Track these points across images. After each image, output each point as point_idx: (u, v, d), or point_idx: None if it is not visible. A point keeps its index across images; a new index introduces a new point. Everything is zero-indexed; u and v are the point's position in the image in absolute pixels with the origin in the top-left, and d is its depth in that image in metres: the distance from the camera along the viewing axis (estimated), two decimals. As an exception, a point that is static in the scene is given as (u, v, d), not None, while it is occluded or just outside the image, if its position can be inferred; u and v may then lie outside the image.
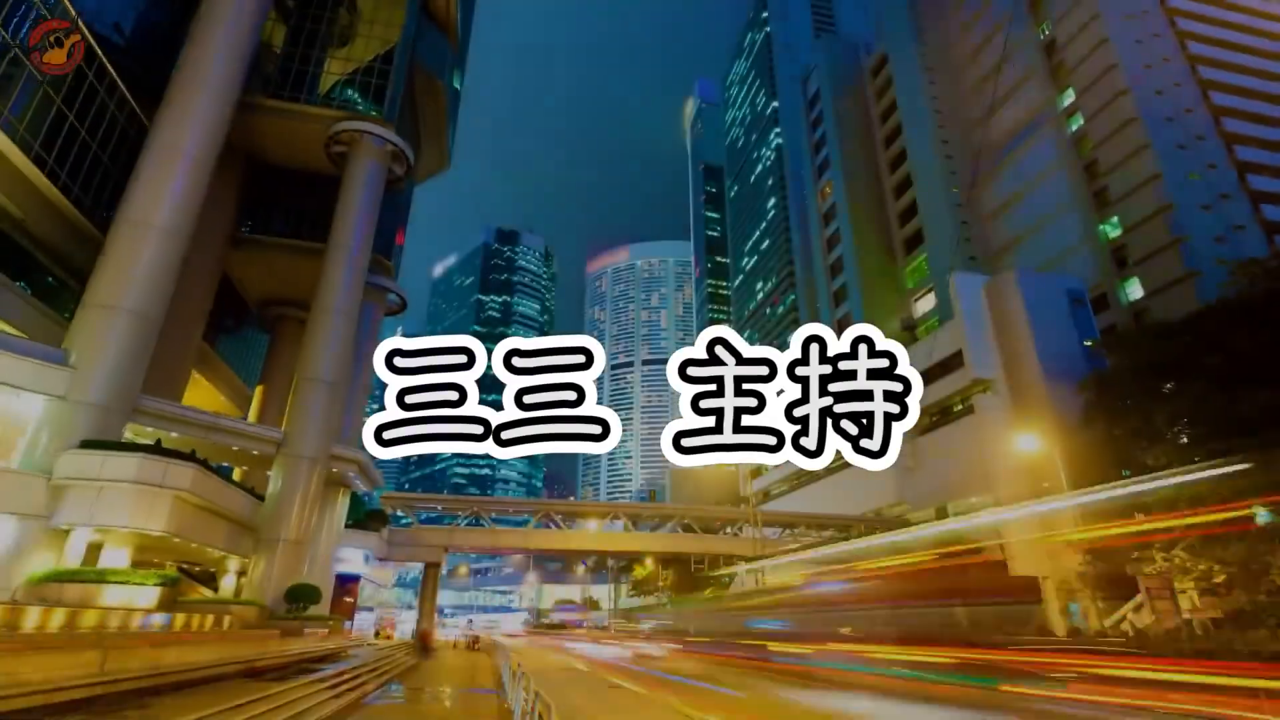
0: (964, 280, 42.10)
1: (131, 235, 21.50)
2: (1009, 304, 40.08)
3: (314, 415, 25.61)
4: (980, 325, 40.33)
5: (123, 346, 20.37)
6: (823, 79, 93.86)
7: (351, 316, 28.10)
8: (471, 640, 40.98)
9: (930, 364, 44.22)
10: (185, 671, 10.21)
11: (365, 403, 32.43)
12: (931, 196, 69.07)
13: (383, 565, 39.11)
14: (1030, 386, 38.23)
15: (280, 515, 23.96)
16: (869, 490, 50.91)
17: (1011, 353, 39.32)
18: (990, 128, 66.64)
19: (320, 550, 28.58)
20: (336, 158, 31.23)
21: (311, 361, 26.26)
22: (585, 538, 40.27)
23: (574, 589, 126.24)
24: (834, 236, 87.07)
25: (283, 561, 23.53)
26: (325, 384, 26.10)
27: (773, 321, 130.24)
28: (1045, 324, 39.06)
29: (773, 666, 24.03)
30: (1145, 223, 48.47)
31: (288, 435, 25.06)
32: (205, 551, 25.92)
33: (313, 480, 25.01)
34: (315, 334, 26.79)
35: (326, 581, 28.65)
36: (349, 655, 20.40)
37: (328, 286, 27.65)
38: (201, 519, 20.69)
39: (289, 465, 24.73)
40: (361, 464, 28.27)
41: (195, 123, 23.43)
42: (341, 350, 27.08)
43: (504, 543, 38.93)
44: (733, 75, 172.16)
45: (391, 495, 39.28)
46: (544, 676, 18.43)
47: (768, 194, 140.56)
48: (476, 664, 26.70)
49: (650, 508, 46.86)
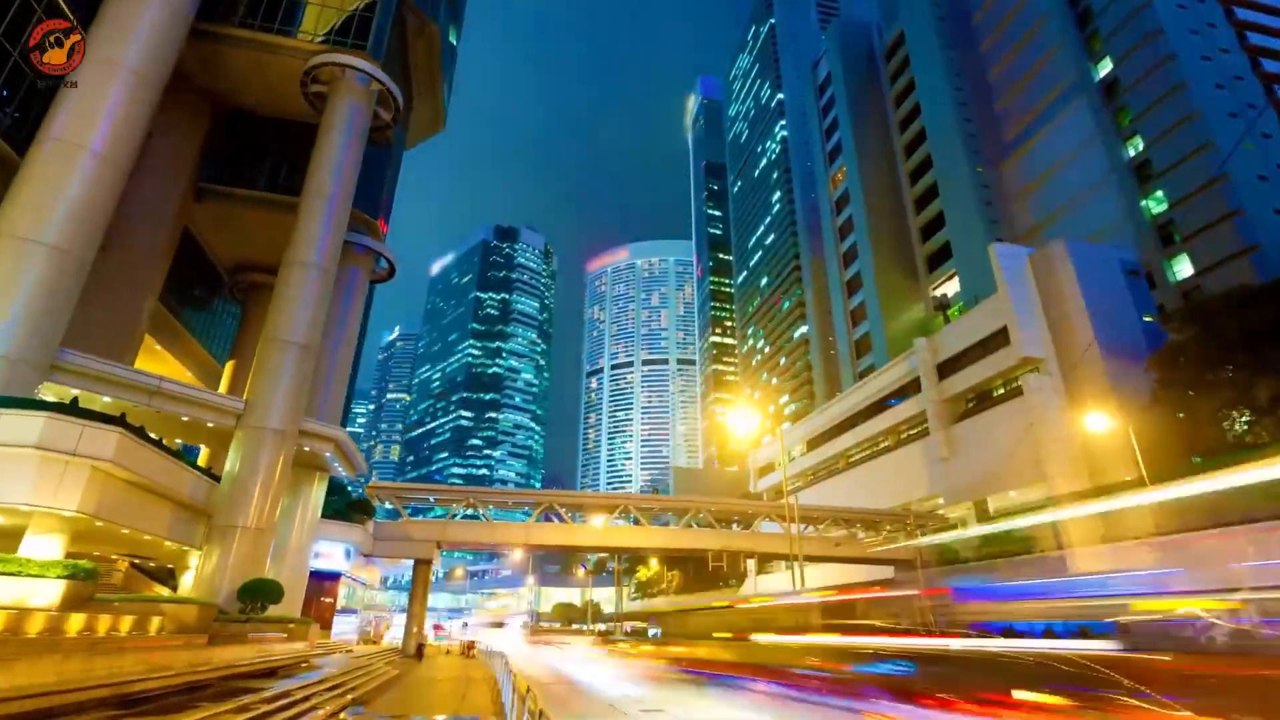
0: (1006, 252, 38.55)
1: (57, 156, 17.83)
2: (1058, 277, 36.52)
3: (282, 382, 21.87)
4: (1027, 300, 36.73)
5: (39, 287, 16.66)
6: (834, 63, 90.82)
7: (328, 274, 24.39)
8: (466, 646, 37.16)
9: (968, 344, 40.65)
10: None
11: (347, 378, 28.74)
12: (953, 178, 65.62)
13: (368, 563, 35.29)
14: (1085, 365, 34.61)
15: (238, 498, 20.20)
16: (896, 483, 47.27)
17: (1063, 329, 35.74)
18: (1016, 103, 63.30)
19: (291, 542, 24.80)
20: (315, 99, 27.58)
21: (280, 320, 22.54)
22: (592, 533, 36.49)
23: (574, 592, 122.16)
24: (846, 224, 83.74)
25: (240, 553, 19.76)
26: (296, 347, 22.36)
27: (778, 317, 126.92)
28: (1099, 298, 35.51)
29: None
30: (1194, 196, 45.01)
31: (250, 405, 21.32)
32: (162, 544, 22.18)
33: (279, 458, 21.26)
34: (285, 289, 23.08)
35: (298, 578, 24.86)
36: (314, 665, 16.65)
37: (301, 237, 23.96)
38: (134, 499, 16.93)
39: (251, 440, 20.98)
40: (339, 443, 24.49)
41: (139, 32, 19.80)
42: (316, 311, 23.36)
43: (502, 538, 35.14)
44: (736, 69, 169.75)
45: (378, 485, 35.46)
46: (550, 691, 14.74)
47: (772, 188, 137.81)
48: (470, 675, 22.91)
49: (665, 500, 43.07)
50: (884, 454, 51.21)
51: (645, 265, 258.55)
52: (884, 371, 51.78)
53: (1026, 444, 35.01)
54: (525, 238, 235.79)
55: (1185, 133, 46.28)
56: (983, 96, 67.43)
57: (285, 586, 24.12)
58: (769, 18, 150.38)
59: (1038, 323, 36.24)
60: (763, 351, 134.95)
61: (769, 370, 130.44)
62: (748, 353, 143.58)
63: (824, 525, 40.88)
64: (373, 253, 30.91)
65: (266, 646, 14.97)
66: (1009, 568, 31.60)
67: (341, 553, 29.63)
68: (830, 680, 18.11)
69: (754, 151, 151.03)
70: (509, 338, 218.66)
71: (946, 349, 42.69)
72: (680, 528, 37.69)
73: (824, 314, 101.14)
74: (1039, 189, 58.49)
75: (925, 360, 43.65)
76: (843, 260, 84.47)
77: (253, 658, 13.30)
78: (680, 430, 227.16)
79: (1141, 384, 32.68)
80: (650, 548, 36.88)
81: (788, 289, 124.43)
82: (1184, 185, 45.88)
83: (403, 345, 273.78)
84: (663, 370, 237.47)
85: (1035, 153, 60.08)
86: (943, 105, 67.86)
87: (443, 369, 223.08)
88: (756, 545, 38.04)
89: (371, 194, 30.83)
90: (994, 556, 32.17)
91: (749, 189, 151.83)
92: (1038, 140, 59.86)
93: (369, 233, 30.14)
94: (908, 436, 48.86)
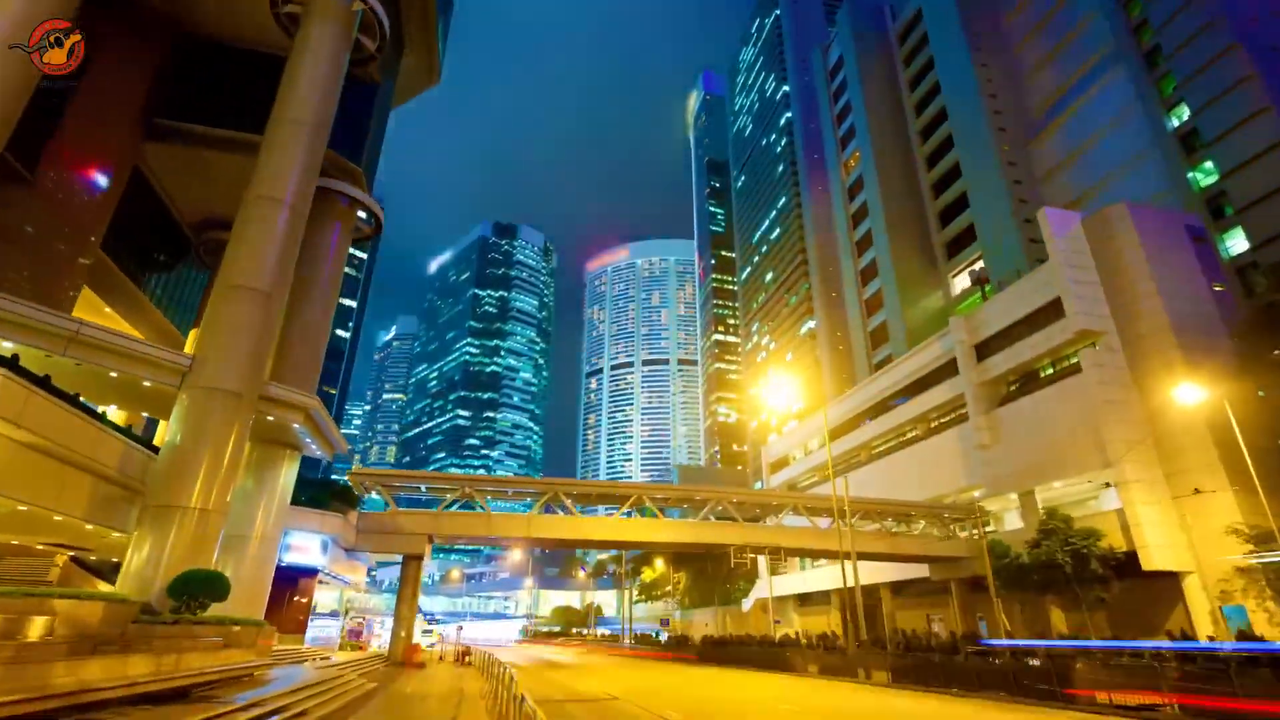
0: (1058, 217, 35.02)
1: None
2: (1117, 242, 33.03)
3: (240, 336, 18.19)
4: (1083, 269, 33.21)
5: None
6: (846, 45, 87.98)
7: (299, 214, 20.74)
8: (461, 653, 33.34)
9: (1012, 321, 37.12)
10: None
11: (323, 345, 25.02)
12: (977, 157, 62.29)
13: (351, 558, 31.52)
14: (1151, 338, 31.07)
15: (180, 473, 16.49)
16: (926, 475, 43.63)
17: (1124, 300, 32.21)
18: (1045, 79, 60.08)
19: (253, 531, 21.06)
20: (287, 21, 24.02)
21: (240, 262, 18.86)
22: (602, 526, 32.79)
23: (573, 595, 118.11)
24: (860, 211, 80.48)
25: (181, 540, 16.02)
26: (259, 295, 18.67)
27: (785, 312, 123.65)
28: (1165, 265, 32.02)
29: None
30: (1248, 165, 41.65)
31: (199, 361, 17.62)
32: (107, 533, 18.49)
33: (234, 427, 17.55)
34: (246, 227, 19.41)
35: (261, 573, 21.12)
36: (261, 680, 12.95)
37: (267, 170, 20.32)
38: (31, 467, 13.25)
39: (198, 403, 17.28)
40: (309, 413, 20.74)
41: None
42: (283, 254, 19.68)
43: (502, 530, 31.40)
44: (740, 62, 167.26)
45: (362, 471, 31.70)
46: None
47: (778, 181, 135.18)
48: (464, 688, 19.17)
49: (682, 490, 39.24)
50: (910, 445, 47.60)
51: (645, 265, 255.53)
52: (911, 356, 48.21)
53: (1086, 426, 31.44)
54: (524, 234, 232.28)
55: (1237, 99, 42.99)
56: (1005, 75, 64.25)
57: (245, 582, 20.40)
58: (774, 9, 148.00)
59: (1096, 293, 32.71)
60: (768, 348, 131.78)
61: (775, 366, 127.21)
62: (752, 349, 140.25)
63: (857, 519, 37.22)
64: (356, 205, 27.20)
65: (187, 657, 11.27)
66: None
67: (318, 546, 25.86)
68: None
69: (758, 145, 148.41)
70: (507, 336, 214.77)
71: (986, 327, 39.14)
72: (699, 521, 33.94)
73: (833, 307, 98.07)
74: (1071, 166, 55.19)
75: (962, 341, 40.09)
76: (856, 249, 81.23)
77: (148, 674, 9.61)
78: (681, 432, 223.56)
79: (1218, 358, 29.20)
80: (666, 543, 33.19)
81: (794, 283, 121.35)
82: (1236, 154, 42.57)
83: (399, 345, 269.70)
84: (663, 371, 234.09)
85: (1067, 129, 56.80)
86: (965, 82, 64.61)
87: (440, 368, 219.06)
88: (787, 540, 34.28)
89: (354, 139, 27.23)
90: (1053, 554, 28.49)
91: (753, 183, 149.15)
92: (1070, 115, 56.60)
93: (348, 179, 26.48)
94: (938, 425, 45.26)
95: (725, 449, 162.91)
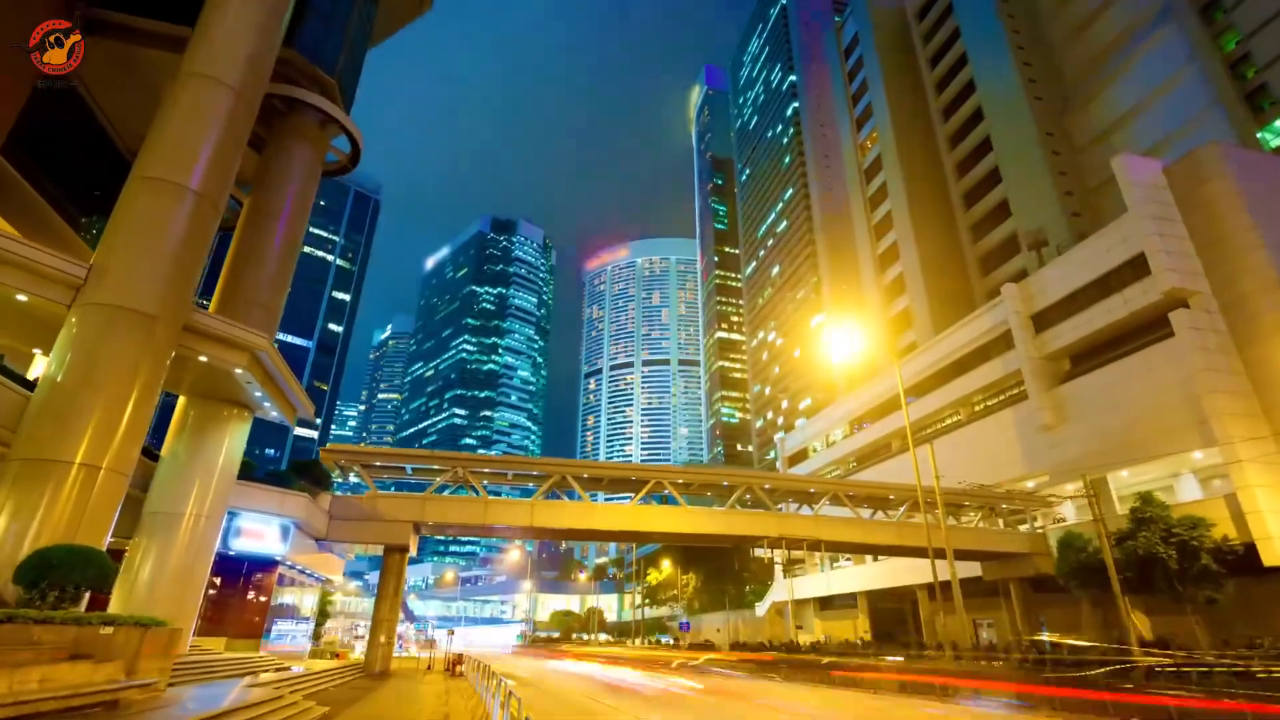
0: (1138, 165, 30.79)
1: None
2: (1212, 189, 28.74)
3: (158, 242, 13.73)
4: (1168, 221, 28.94)
5: None
6: (862, 22, 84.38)
7: (248, 103, 16.33)
8: (452, 662, 28.69)
9: (1080, 285, 32.84)
10: None
11: (285, 282, 20.54)
12: (1012, 130, 58.33)
13: (324, 550, 26.88)
14: (1257, 298, 26.77)
15: (63, 416, 12.00)
16: (975, 462, 39.14)
17: (1222, 254, 27.90)
18: (1083, 44, 56.13)
19: (185, 509, 16.49)
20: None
21: (162, 149, 14.44)
22: (615, 514, 28.28)
23: (573, 599, 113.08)
24: (879, 193, 76.55)
25: (59, 507, 11.52)
26: (186, 191, 14.23)
27: (793, 305, 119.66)
28: (1272, 214, 27.77)
29: None
30: (1328, 121, 37.66)
31: (97, 270, 13.13)
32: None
33: (143, 358, 13.07)
34: (176, 108, 15.00)
35: (197, 563, 16.49)
36: (141, 706, 8.44)
37: (204, 42, 15.94)
38: None
39: (95, 324, 12.81)
40: (256, 355, 16.12)
41: None
42: (222, 146, 15.24)
43: (499, 518, 26.83)
44: (746, 54, 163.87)
45: (338, 448, 27.09)
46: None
47: (785, 172, 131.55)
48: (451, 711, 14.61)
49: (708, 473, 34.56)
50: (952, 430, 43.21)
51: (645, 264, 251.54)
52: (953, 332, 43.84)
53: (1179, 399, 27.09)
54: (523, 230, 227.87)
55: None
56: (1037, 43, 60.38)
57: (174, 573, 15.85)
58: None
59: (1185, 247, 28.44)
60: (773, 345, 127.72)
61: (781, 363, 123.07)
62: (758, 346, 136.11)
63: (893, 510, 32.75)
64: (329, 125, 22.71)
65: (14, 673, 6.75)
66: None
67: (276, 531, 21.27)
68: None
69: (764, 137, 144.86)
70: (505, 333, 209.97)
71: (1045, 296, 34.88)
72: (728, 510, 29.42)
73: (844, 295, 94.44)
74: (1121, 132, 51.01)
75: (1018, 312, 35.79)
76: (873, 233, 77.15)
77: None
78: (682, 433, 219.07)
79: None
80: (690, 534, 28.67)
81: (802, 276, 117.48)
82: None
83: (395, 344, 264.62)
84: (663, 371, 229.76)
85: (1111, 94, 52.74)
86: (997, 51, 60.64)
87: (436, 366, 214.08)
88: (831, 532, 29.69)
89: (330, 45, 22.82)
90: (1152, 546, 24.08)
91: (759, 176, 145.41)
92: (1114, 80, 52.53)
93: (320, 90, 22.05)
94: (985, 407, 40.92)
95: (729, 449, 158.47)
